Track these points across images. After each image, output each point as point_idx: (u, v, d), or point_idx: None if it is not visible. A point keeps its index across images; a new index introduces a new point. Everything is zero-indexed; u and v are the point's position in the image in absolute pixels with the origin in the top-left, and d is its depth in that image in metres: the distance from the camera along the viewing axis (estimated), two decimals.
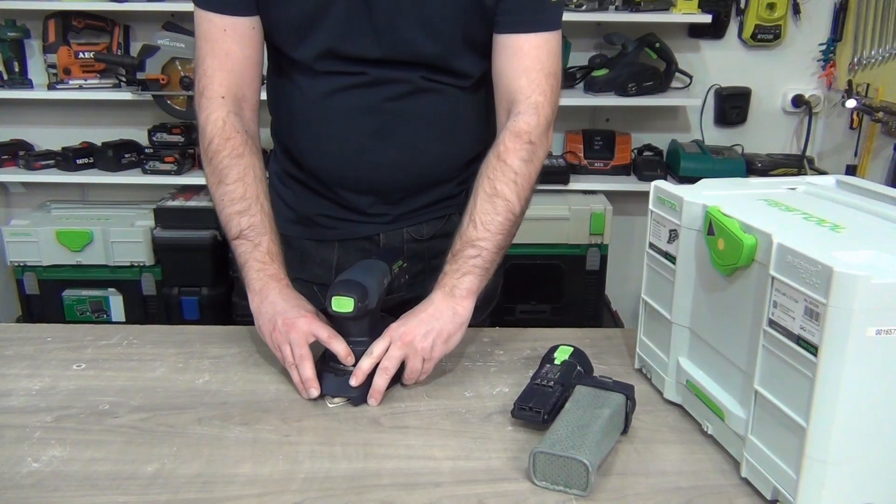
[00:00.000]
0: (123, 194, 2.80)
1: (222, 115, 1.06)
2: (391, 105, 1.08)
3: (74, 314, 2.56)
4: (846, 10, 2.59)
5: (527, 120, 1.05)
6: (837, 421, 0.69)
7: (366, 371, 0.95)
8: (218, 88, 1.06)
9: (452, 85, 1.10)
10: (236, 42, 1.06)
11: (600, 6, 2.50)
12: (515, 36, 1.05)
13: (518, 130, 1.05)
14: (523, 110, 1.06)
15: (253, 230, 1.04)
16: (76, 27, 2.58)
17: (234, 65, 1.07)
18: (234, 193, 1.04)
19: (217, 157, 1.05)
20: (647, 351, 1.02)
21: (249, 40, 1.07)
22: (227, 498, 0.78)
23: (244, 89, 1.09)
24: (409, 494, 0.79)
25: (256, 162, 1.07)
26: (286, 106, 1.14)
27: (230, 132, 1.06)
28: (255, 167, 1.06)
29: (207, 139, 1.06)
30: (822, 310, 0.67)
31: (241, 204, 1.04)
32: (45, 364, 1.06)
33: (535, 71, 1.06)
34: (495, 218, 1.02)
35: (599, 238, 2.52)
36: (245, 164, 1.05)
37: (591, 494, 0.78)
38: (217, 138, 1.05)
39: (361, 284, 0.96)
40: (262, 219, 1.05)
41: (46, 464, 0.83)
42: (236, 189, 1.04)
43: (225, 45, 1.06)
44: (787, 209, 0.86)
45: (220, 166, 1.05)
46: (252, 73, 1.09)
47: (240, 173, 1.04)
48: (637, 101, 2.54)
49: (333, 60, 1.06)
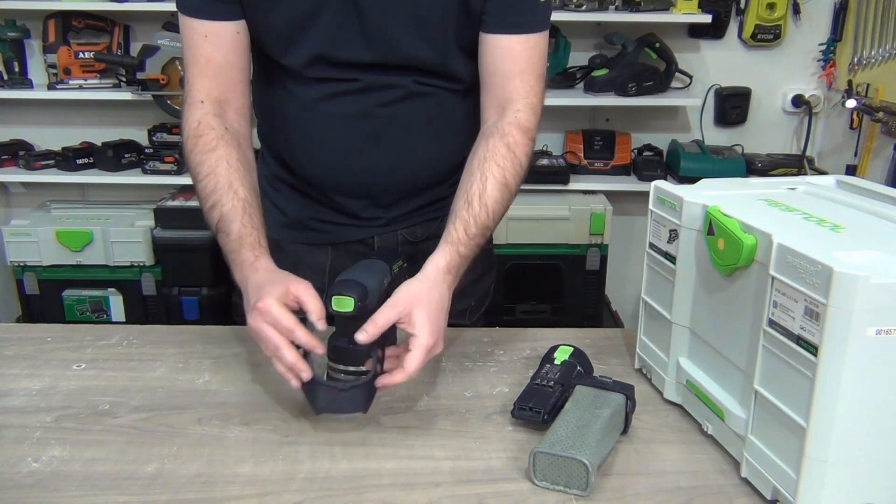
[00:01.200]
0: (123, 194, 2.80)
1: (198, 116, 1.04)
2: (383, 110, 1.07)
3: (74, 314, 2.56)
4: (846, 10, 2.59)
5: (528, 118, 1.05)
6: (837, 421, 0.69)
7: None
8: (197, 94, 1.05)
9: (445, 88, 1.09)
10: (217, 48, 1.04)
11: (600, 6, 2.50)
12: (507, 37, 1.04)
13: (523, 127, 1.05)
14: (522, 108, 1.05)
15: (223, 221, 0.99)
16: (76, 27, 2.58)
17: (216, 70, 1.05)
18: (206, 189, 1.01)
19: (190, 156, 1.03)
20: (647, 351, 1.02)
21: (232, 45, 1.05)
22: (227, 498, 0.78)
23: (227, 93, 1.06)
24: (409, 494, 0.79)
25: (233, 152, 1.03)
26: (276, 111, 1.13)
27: (203, 130, 1.03)
28: (229, 157, 1.02)
29: (184, 139, 1.05)
30: (822, 310, 0.67)
31: (212, 198, 1.00)
32: (45, 364, 1.06)
33: (528, 73, 1.05)
34: (500, 209, 1.02)
35: (599, 238, 2.52)
36: (217, 156, 1.02)
37: (591, 494, 0.78)
38: (190, 139, 1.04)
39: (362, 284, 0.95)
40: (235, 204, 0.99)
41: (46, 464, 0.83)
42: (207, 184, 1.01)
43: (206, 51, 1.04)
44: (787, 209, 0.86)
45: (193, 164, 1.03)
46: (236, 78, 1.07)
47: (210, 167, 1.01)
48: (637, 101, 2.54)
49: (324, 66, 1.05)
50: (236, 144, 1.04)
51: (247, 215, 0.99)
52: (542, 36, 1.06)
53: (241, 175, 1.02)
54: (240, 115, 1.08)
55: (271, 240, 1.24)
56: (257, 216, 1.01)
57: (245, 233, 0.98)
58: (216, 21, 1.03)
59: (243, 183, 1.01)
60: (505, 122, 1.05)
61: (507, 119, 1.05)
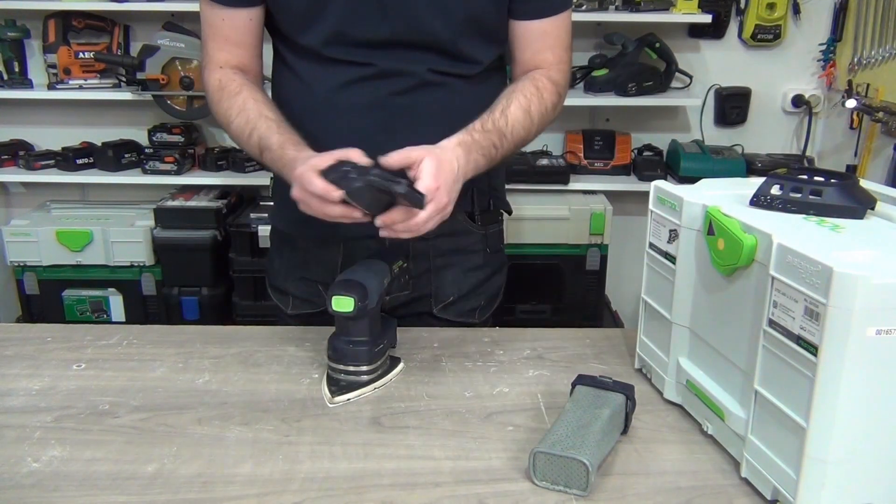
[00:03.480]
0: (123, 194, 2.80)
1: (218, 76, 1.13)
2: (397, 100, 1.09)
3: (74, 314, 2.56)
4: (846, 10, 2.59)
5: (558, 77, 1.13)
6: (837, 421, 0.69)
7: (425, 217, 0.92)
8: (216, 62, 1.14)
9: (458, 75, 1.11)
10: (234, 30, 1.13)
11: (600, 6, 2.50)
12: (540, 21, 1.12)
13: (555, 81, 1.13)
14: (553, 70, 1.13)
15: (263, 140, 1.06)
16: (76, 27, 2.58)
17: (232, 47, 1.14)
18: (241, 124, 1.08)
19: (219, 106, 1.11)
20: (647, 351, 1.02)
21: (247, 28, 1.13)
22: (227, 498, 0.78)
23: (244, 63, 1.15)
24: (409, 494, 0.79)
25: (257, 93, 1.11)
26: (293, 103, 1.15)
27: (226, 83, 1.12)
28: (255, 96, 1.10)
29: (209, 98, 1.14)
30: (822, 310, 0.67)
31: (248, 128, 1.07)
32: (45, 364, 1.06)
33: (558, 47, 1.14)
34: (520, 131, 1.07)
35: (599, 238, 2.52)
36: (243, 97, 1.09)
37: (591, 494, 0.78)
38: (215, 93, 1.12)
39: (361, 284, 0.96)
40: (269, 125, 1.06)
41: (46, 464, 0.83)
42: (240, 121, 1.08)
43: (224, 31, 1.13)
44: None
45: (222, 111, 1.11)
46: (251, 53, 1.16)
47: (239, 106, 1.09)
48: (637, 101, 2.54)
49: (341, 46, 1.07)
50: (259, 88, 1.14)
51: (282, 127, 1.06)
52: (568, 12, 1.14)
53: (268, 105, 1.10)
54: (257, 80, 1.17)
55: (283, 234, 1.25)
56: (290, 128, 1.07)
57: (284, 139, 1.04)
58: (232, 8, 1.11)
59: (271, 110, 1.09)
60: (536, 73, 1.12)
61: (540, 72, 1.13)
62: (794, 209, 0.84)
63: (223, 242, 2.53)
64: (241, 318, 2.47)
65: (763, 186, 0.88)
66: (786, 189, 0.86)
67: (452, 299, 1.21)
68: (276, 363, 1.06)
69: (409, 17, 1.05)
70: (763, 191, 0.87)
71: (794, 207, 0.84)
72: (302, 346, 1.11)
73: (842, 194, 0.84)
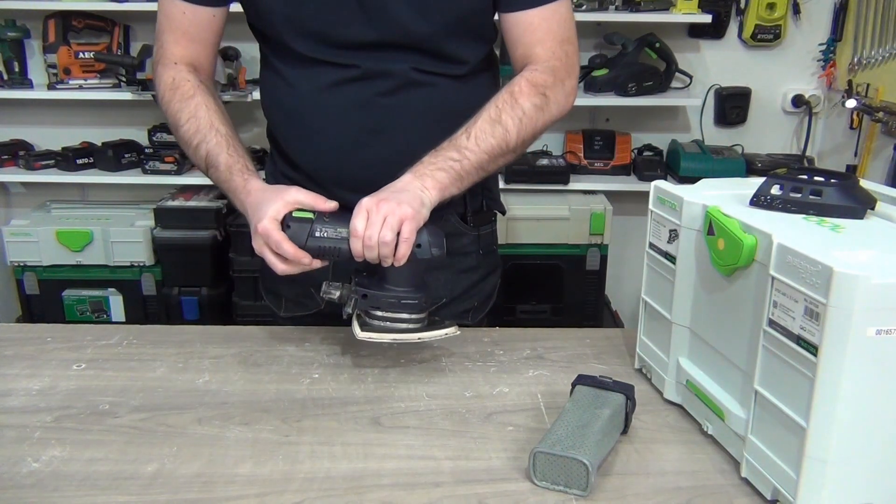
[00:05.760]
0: (123, 194, 2.80)
1: (172, 73, 1.11)
2: (383, 100, 1.08)
3: (74, 314, 2.56)
4: (846, 10, 2.59)
5: (542, 76, 1.08)
6: (837, 421, 0.69)
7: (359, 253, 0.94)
8: (171, 57, 1.12)
9: (445, 75, 1.10)
10: (193, 25, 1.12)
11: (600, 6, 2.50)
12: (524, 13, 1.08)
13: (534, 81, 1.07)
14: (539, 69, 1.08)
15: (210, 156, 1.05)
16: (76, 27, 2.58)
17: (189, 42, 1.12)
18: (190, 132, 1.07)
19: (169, 106, 1.10)
20: (647, 351, 1.02)
21: (207, 25, 1.12)
22: (227, 498, 0.78)
23: (200, 60, 1.14)
24: (409, 494, 0.79)
25: (209, 99, 1.10)
26: (280, 105, 1.14)
27: (179, 82, 1.10)
28: (207, 102, 1.09)
29: (159, 94, 1.11)
30: (822, 310, 0.67)
31: (196, 137, 1.06)
32: (45, 364, 1.06)
33: (548, 40, 1.09)
34: (489, 139, 1.03)
35: (599, 238, 2.52)
36: (196, 102, 1.08)
37: (591, 494, 0.78)
38: (167, 92, 1.10)
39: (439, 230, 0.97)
40: (218, 140, 1.06)
41: (46, 464, 0.83)
42: (190, 127, 1.07)
43: (182, 25, 1.12)
44: None
45: (172, 112, 1.09)
46: (207, 52, 1.15)
47: (191, 112, 1.08)
48: (637, 101, 2.54)
49: (325, 48, 1.06)
50: (211, 94, 1.12)
51: (231, 147, 1.06)
52: (560, 4, 1.09)
53: (220, 116, 1.09)
54: (209, 79, 1.16)
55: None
56: (240, 147, 1.07)
57: (232, 161, 1.04)
58: (196, 5, 1.10)
59: (223, 122, 1.08)
60: (518, 75, 1.09)
61: (523, 73, 1.09)
62: (794, 209, 0.84)
63: (223, 242, 2.53)
64: (241, 318, 2.48)
65: (763, 186, 0.88)
66: (786, 189, 0.86)
67: (445, 301, 1.21)
68: (276, 363, 1.06)
69: (390, 18, 1.04)
70: (763, 191, 0.87)
71: (794, 207, 0.84)
72: (302, 346, 1.11)
73: (842, 194, 0.84)
